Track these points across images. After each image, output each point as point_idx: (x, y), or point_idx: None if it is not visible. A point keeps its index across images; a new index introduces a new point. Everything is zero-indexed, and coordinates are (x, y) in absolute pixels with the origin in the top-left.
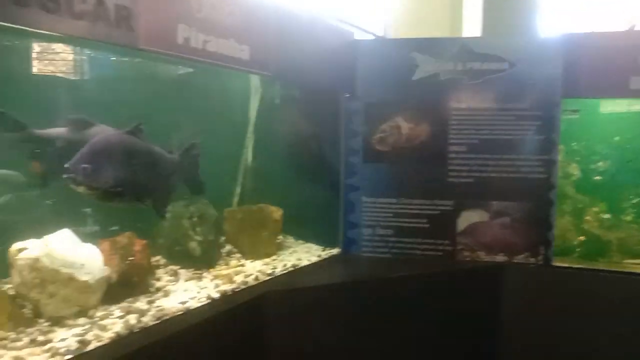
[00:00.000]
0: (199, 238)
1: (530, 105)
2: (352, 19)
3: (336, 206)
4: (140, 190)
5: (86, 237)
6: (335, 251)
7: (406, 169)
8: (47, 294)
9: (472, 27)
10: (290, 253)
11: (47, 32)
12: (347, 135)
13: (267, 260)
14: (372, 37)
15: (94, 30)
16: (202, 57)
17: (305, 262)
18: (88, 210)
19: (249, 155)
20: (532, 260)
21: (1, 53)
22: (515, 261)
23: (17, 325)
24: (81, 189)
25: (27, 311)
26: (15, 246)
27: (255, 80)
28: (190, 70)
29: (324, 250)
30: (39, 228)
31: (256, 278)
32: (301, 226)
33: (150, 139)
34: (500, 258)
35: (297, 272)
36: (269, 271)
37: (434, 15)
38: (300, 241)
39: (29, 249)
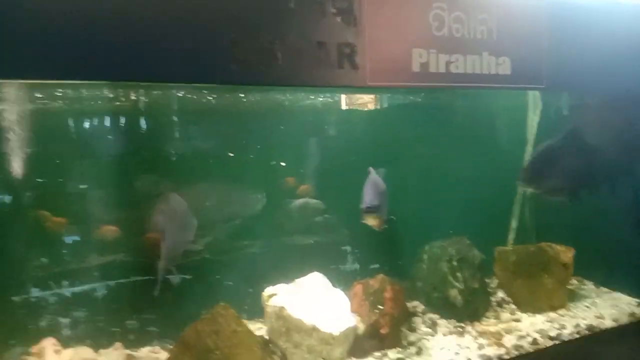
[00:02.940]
0: (459, 285)
1: None
2: None
3: None
4: None
5: (345, 276)
6: None
7: None
8: (293, 343)
9: None
10: (588, 306)
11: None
12: None
13: (551, 315)
14: None
15: (316, 75)
16: (445, 82)
17: (609, 323)
18: (348, 247)
19: None
20: None
21: None
22: None
23: None
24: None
25: (276, 358)
26: (267, 291)
27: (534, 93)
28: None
29: None
30: (298, 267)
31: (534, 342)
32: (606, 269)
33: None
34: None
35: (595, 338)
36: (554, 332)
37: None
38: (604, 289)
39: (278, 295)
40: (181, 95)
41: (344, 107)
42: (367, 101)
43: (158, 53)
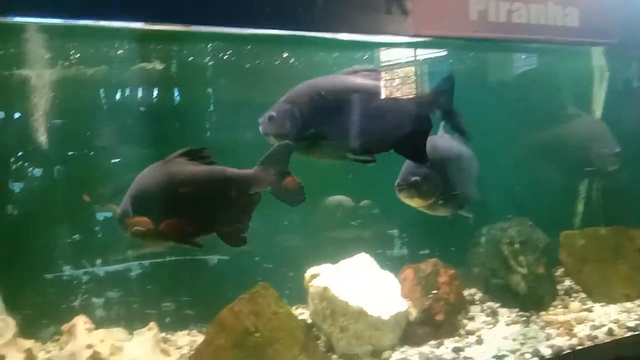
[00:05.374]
0: (522, 270)
1: None
2: None
3: None
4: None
5: (392, 262)
6: None
7: None
8: (338, 327)
9: None
10: None
11: None
12: None
13: (627, 305)
14: None
15: (360, 21)
16: (506, 33)
17: None
18: (395, 232)
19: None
20: None
21: None
22: None
23: (309, 358)
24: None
25: (320, 344)
26: (310, 271)
27: (598, 58)
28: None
29: None
30: (341, 250)
31: (609, 332)
32: None
33: None
34: None
35: None
36: (632, 323)
37: None
38: None
39: (321, 276)
40: None
41: None
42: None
43: None
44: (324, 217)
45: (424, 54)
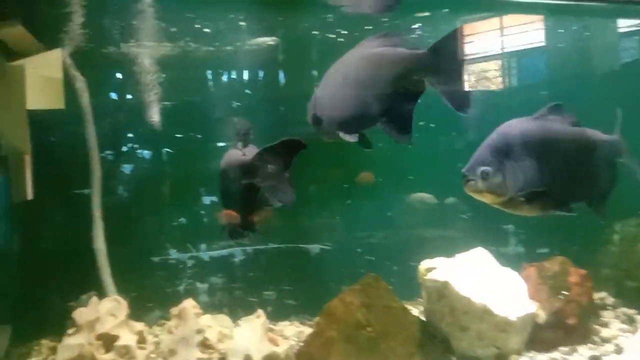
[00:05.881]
0: None
1: None
2: None
3: None
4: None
5: (506, 259)
6: None
7: None
8: (459, 326)
9: None
10: None
11: None
12: None
13: None
14: None
15: None
16: None
17: None
18: (509, 227)
19: None
20: None
21: None
22: None
23: (426, 358)
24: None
25: (437, 343)
26: (424, 264)
27: None
28: None
29: None
30: (451, 244)
31: None
32: None
33: None
34: None
35: None
36: None
37: None
38: None
39: (438, 269)
40: None
41: None
42: None
43: None
44: (428, 212)
45: None
